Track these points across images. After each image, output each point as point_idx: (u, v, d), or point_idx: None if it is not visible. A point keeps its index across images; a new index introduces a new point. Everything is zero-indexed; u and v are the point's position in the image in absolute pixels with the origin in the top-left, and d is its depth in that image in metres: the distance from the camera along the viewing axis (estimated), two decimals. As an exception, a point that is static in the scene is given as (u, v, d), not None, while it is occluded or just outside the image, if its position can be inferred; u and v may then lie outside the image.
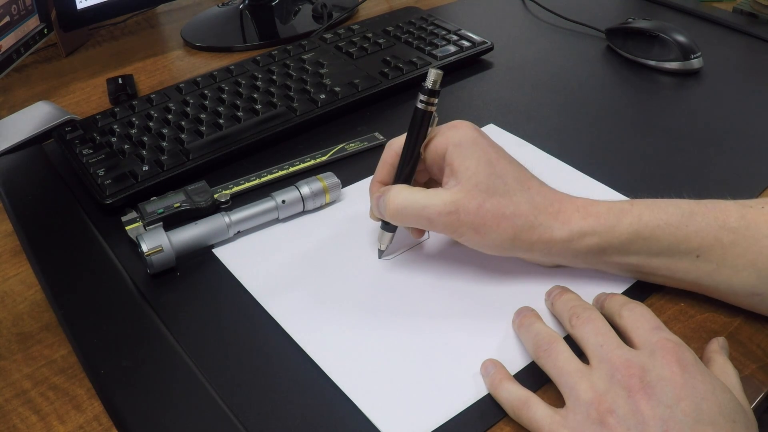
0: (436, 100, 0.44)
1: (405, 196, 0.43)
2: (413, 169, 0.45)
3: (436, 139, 0.44)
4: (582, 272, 0.45)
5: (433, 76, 0.44)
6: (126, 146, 0.59)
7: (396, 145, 0.46)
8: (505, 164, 0.43)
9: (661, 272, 0.43)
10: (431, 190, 0.43)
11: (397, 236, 0.48)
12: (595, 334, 0.37)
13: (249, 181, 0.56)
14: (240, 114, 0.62)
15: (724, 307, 0.43)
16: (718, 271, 0.41)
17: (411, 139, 0.45)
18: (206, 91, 0.66)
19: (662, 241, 0.41)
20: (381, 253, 0.49)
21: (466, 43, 0.73)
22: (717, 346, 0.40)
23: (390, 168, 0.46)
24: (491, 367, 0.39)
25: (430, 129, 0.44)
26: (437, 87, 0.44)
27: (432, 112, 0.44)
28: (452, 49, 0.72)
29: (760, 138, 0.60)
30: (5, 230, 0.56)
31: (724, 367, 0.38)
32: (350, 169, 0.58)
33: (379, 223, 0.47)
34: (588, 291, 0.44)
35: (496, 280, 0.46)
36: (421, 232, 0.48)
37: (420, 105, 0.44)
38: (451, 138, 0.44)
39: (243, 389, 0.40)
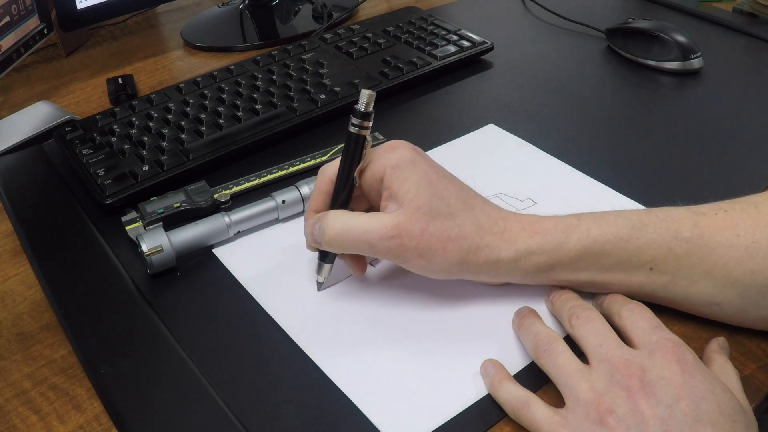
0: (369, 123, 0.41)
1: (343, 220, 0.41)
2: (349, 196, 0.43)
3: (373, 163, 0.42)
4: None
5: (365, 97, 0.41)
6: (126, 146, 0.59)
7: (329, 171, 0.44)
8: (446, 184, 0.41)
9: (615, 287, 0.41)
10: (371, 214, 0.41)
11: (339, 264, 0.46)
12: (594, 334, 0.37)
13: (249, 181, 0.56)
14: (240, 114, 0.62)
15: (724, 307, 0.43)
16: (673, 283, 0.40)
17: (345, 164, 0.42)
18: (206, 91, 0.66)
19: (612, 255, 0.40)
20: (320, 285, 0.46)
21: (466, 43, 0.73)
22: (717, 346, 0.40)
23: (325, 196, 0.44)
24: (491, 368, 0.39)
25: (364, 152, 0.42)
26: (370, 109, 0.41)
27: (365, 136, 0.41)
28: (452, 49, 0.72)
29: (760, 138, 0.60)
30: (5, 230, 0.56)
31: (724, 367, 0.38)
32: (350, 169, 0.57)
33: (317, 254, 0.45)
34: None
35: (496, 280, 0.46)
36: (363, 266, 0.45)
37: (352, 129, 0.41)
38: (388, 160, 0.41)
39: (243, 389, 0.40)
